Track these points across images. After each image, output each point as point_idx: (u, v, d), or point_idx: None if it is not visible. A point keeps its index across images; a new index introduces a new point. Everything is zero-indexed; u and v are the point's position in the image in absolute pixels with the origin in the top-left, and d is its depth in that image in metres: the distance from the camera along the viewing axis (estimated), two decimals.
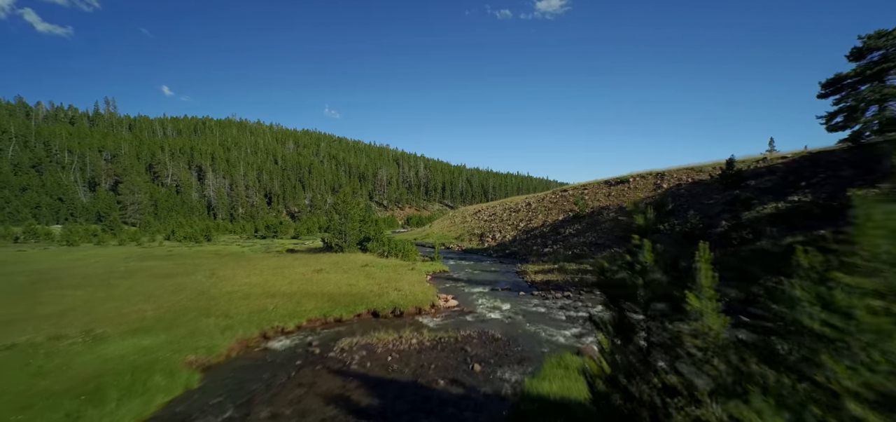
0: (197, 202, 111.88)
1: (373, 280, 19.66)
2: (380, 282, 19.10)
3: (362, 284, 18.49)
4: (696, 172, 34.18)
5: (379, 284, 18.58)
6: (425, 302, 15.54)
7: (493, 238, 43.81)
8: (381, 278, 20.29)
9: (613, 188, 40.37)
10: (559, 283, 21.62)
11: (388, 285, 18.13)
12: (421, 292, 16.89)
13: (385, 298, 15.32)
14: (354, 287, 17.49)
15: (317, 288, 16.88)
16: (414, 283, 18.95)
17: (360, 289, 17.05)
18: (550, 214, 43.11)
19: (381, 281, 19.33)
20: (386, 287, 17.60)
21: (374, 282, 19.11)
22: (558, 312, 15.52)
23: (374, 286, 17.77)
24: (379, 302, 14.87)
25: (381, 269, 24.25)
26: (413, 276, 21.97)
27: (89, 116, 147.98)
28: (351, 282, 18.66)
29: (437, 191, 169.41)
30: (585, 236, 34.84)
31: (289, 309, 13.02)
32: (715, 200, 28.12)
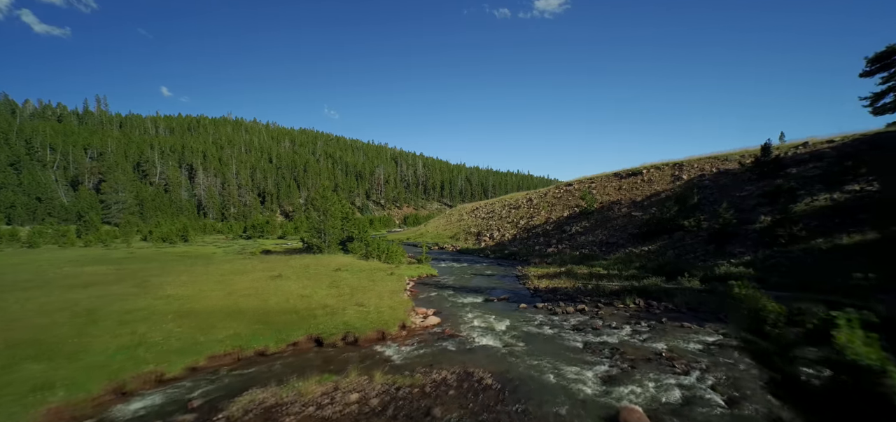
0: (186, 202, 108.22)
1: (336, 290, 15.69)
2: (343, 292, 15.13)
3: (320, 295, 14.52)
4: (720, 161, 30.16)
5: (340, 295, 14.61)
6: (392, 322, 11.56)
7: (491, 237, 39.81)
8: (348, 287, 16.33)
9: (624, 181, 36.35)
10: (568, 291, 17.62)
11: (352, 298, 14.16)
12: (390, 307, 12.92)
13: (338, 318, 11.35)
14: (307, 300, 13.53)
15: (256, 303, 12.93)
16: (385, 294, 14.98)
17: (313, 303, 13.09)
18: (554, 210, 39.11)
19: (345, 291, 15.36)
20: (347, 300, 13.63)
21: (337, 292, 15.15)
22: (572, 335, 11.52)
23: (333, 299, 13.80)
24: (328, 324, 10.90)
25: (354, 274, 20.29)
26: (389, 283, 17.99)
27: (78, 114, 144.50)
28: (306, 293, 14.70)
29: (435, 190, 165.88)
30: (594, 235, 30.85)
31: (188, 339, 9.06)
32: (748, 192, 24.12)
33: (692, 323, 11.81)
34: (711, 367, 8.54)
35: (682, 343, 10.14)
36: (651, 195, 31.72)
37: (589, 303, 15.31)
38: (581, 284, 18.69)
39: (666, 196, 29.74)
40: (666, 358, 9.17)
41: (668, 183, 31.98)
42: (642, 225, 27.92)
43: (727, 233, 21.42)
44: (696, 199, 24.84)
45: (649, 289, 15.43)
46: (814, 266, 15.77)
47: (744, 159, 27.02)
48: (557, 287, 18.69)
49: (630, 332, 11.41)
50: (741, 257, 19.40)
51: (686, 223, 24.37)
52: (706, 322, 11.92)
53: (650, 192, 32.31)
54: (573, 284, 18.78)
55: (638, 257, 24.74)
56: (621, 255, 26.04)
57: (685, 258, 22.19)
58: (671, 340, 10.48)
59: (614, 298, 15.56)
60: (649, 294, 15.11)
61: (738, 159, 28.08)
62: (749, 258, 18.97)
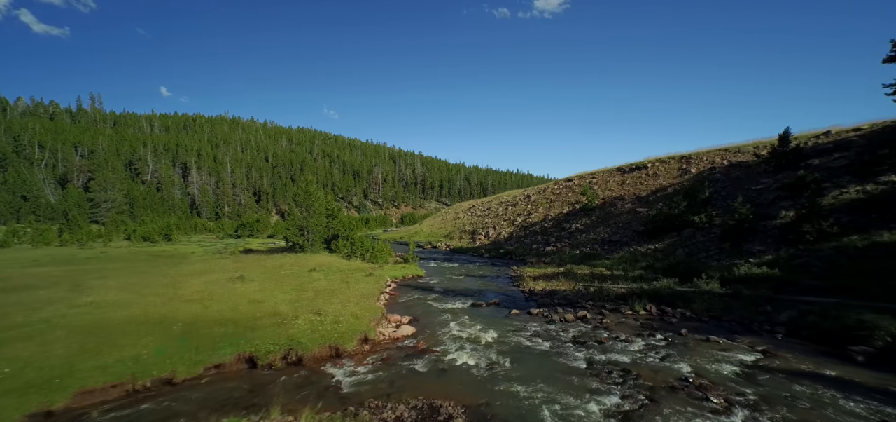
0: (179, 200, 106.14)
1: (298, 293, 13.56)
2: (305, 297, 13.00)
3: (276, 300, 12.38)
4: (732, 153, 27.98)
5: (300, 300, 12.47)
6: (351, 335, 9.41)
7: (486, 235, 37.64)
8: (313, 290, 14.20)
9: (628, 176, 34.19)
10: (568, 294, 15.47)
11: (312, 303, 12.03)
12: (353, 316, 10.78)
13: (283, 331, 9.20)
14: (258, 307, 11.39)
15: (194, 310, 10.80)
16: (352, 299, 12.84)
17: (263, 310, 10.95)
18: (553, 206, 36.95)
19: (307, 295, 13.22)
20: (305, 307, 11.50)
21: (297, 297, 13.01)
22: (573, 350, 9.38)
23: (288, 305, 11.66)
24: (268, 338, 8.76)
25: (328, 275, 18.16)
26: (364, 286, 15.85)
27: (71, 112, 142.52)
28: (260, 298, 12.55)
29: (434, 189, 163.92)
30: (596, 232, 28.70)
31: (61, 366, 6.88)
32: (765, 185, 21.95)
33: (719, 336, 9.64)
34: (762, 402, 6.38)
35: (712, 364, 7.98)
36: (657, 190, 29.57)
37: (591, 309, 13.16)
38: (582, 286, 16.54)
39: (673, 191, 27.60)
40: (696, 386, 7.02)
41: (675, 177, 29.82)
42: (648, 222, 25.77)
43: (744, 229, 19.27)
44: (707, 193, 22.71)
45: (661, 292, 13.28)
46: (851, 267, 13.62)
47: (759, 151, 24.89)
48: (555, 290, 16.54)
49: (644, 347, 9.25)
50: (761, 256, 17.24)
51: (697, 219, 22.22)
52: (736, 335, 9.74)
53: (655, 186, 30.16)
54: (573, 287, 16.64)
55: (644, 256, 22.60)
56: (625, 253, 23.91)
57: (697, 257, 20.03)
58: (698, 359, 8.33)
59: (621, 303, 13.42)
60: (662, 299, 12.96)
61: (752, 151, 25.91)
62: (770, 257, 16.80)
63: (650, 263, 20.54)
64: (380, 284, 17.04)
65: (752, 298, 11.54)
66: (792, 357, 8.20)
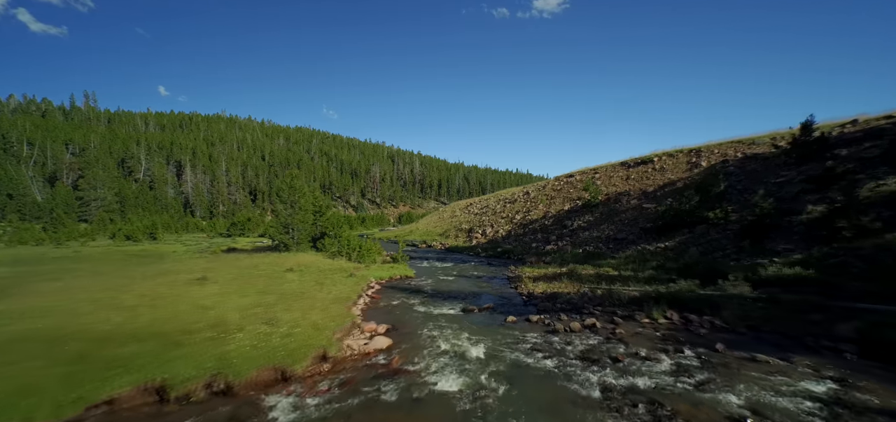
0: (172, 199, 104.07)
1: (260, 298, 11.67)
2: (266, 302, 11.10)
3: (228, 306, 10.48)
4: (746, 145, 26.10)
5: (259, 306, 10.58)
6: (305, 352, 7.51)
7: (483, 234, 35.75)
8: (278, 294, 12.32)
9: (633, 171, 32.31)
10: (572, 298, 13.58)
11: (270, 310, 10.14)
12: (314, 327, 8.89)
13: (216, 348, 7.30)
14: (202, 315, 9.50)
15: (119, 319, 8.91)
16: (319, 305, 10.94)
17: (205, 320, 9.05)
18: (553, 203, 35.07)
19: (269, 301, 11.33)
20: (260, 315, 9.60)
21: (257, 302, 11.11)
22: (582, 370, 7.50)
23: (241, 313, 9.76)
24: (196, 358, 6.86)
25: (304, 276, 16.27)
26: (339, 289, 13.96)
27: (64, 110, 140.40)
28: (212, 304, 10.65)
29: (432, 188, 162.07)
30: (600, 230, 26.83)
31: None
32: (786, 178, 20.09)
33: (767, 353, 7.70)
34: None
35: (770, 396, 6.05)
36: (664, 185, 27.70)
37: (601, 315, 11.26)
38: (588, 288, 14.65)
39: (683, 185, 25.73)
40: None
41: (685, 171, 27.95)
42: (656, 218, 23.91)
43: (765, 226, 17.39)
44: (722, 186, 20.85)
45: (682, 297, 11.39)
46: None
47: (777, 142, 23.05)
48: (558, 292, 14.65)
49: (672, 367, 7.35)
50: (788, 255, 15.36)
51: (711, 215, 20.35)
52: (789, 353, 7.70)
53: (663, 181, 28.30)
54: (577, 289, 14.75)
55: (654, 255, 20.74)
56: (633, 252, 22.05)
57: (713, 256, 18.16)
58: (748, 387, 6.41)
59: (635, 308, 11.52)
60: (684, 304, 11.08)
61: (769, 142, 24.07)
62: (800, 256, 14.92)
63: (661, 263, 18.69)
64: (360, 287, 15.14)
65: (796, 304, 9.67)
66: (884, 390, 6.20)
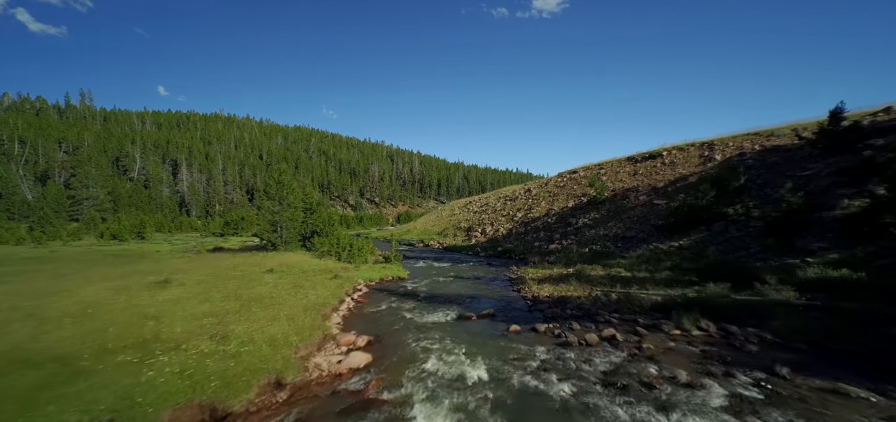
0: (167, 198, 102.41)
1: (224, 304, 10.03)
2: (228, 311, 9.46)
3: (179, 314, 8.84)
4: (764, 137, 24.43)
5: (212, 316, 8.92)
6: (251, 378, 5.86)
7: (483, 232, 34.09)
8: (248, 299, 10.67)
9: (641, 165, 30.65)
10: (583, 302, 11.92)
11: (226, 321, 8.48)
12: (270, 342, 7.23)
13: (131, 377, 5.64)
14: (140, 330, 7.86)
15: (19, 339, 7.25)
16: (284, 315, 9.28)
17: (144, 333, 7.43)
18: (557, 200, 33.41)
19: (232, 308, 9.69)
20: (208, 328, 7.94)
21: (220, 308, 9.47)
22: (608, 400, 5.85)
23: (190, 324, 8.12)
24: (93, 393, 5.21)
25: (282, 277, 14.63)
26: (319, 293, 12.31)
27: (59, 108, 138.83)
28: (159, 313, 9.00)
29: (432, 187, 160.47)
30: (607, 228, 25.17)
31: None
32: (814, 171, 18.43)
33: (853, 381, 5.83)
34: None
35: None
36: (676, 180, 26.05)
37: (620, 324, 9.60)
38: (600, 291, 12.99)
39: (696, 180, 24.08)
40: None
41: (697, 165, 26.29)
42: (668, 215, 22.27)
43: (794, 222, 15.74)
44: (742, 180, 19.21)
45: (715, 303, 9.71)
46: None
47: (800, 132, 21.40)
48: (566, 296, 12.99)
49: (728, 400, 5.66)
50: (824, 255, 13.72)
51: (731, 211, 18.70)
52: (884, 382, 5.77)
53: (674, 176, 26.64)
54: (588, 293, 13.09)
55: (668, 255, 19.09)
56: (644, 252, 20.40)
57: (735, 256, 16.50)
58: None
59: (659, 316, 9.86)
60: (717, 311, 9.40)
61: (791, 133, 22.42)
62: (838, 256, 13.28)
63: (677, 263, 17.04)
64: (343, 290, 13.49)
65: (861, 314, 7.99)
66: None
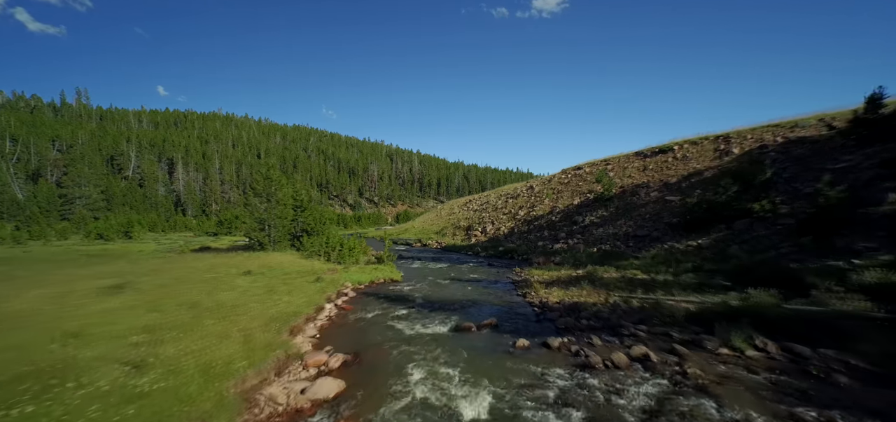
0: (162, 197, 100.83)
1: (173, 314, 8.36)
2: (168, 326, 7.77)
3: (104, 329, 7.17)
4: (787, 128, 22.73)
5: (143, 334, 7.23)
6: None
7: (483, 231, 32.39)
8: (209, 307, 9.00)
9: (650, 161, 28.94)
10: (601, 310, 10.22)
11: (158, 339, 6.80)
12: (203, 370, 5.55)
13: None
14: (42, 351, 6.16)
15: None
16: (240, 329, 7.60)
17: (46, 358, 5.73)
18: (561, 197, 31.70)
19: (178, 322, 8.01)
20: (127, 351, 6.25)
21: (161, 321, 7.79)
22: None
23: (110, 345, 6.43)
24: None
25: (259, 280, 12.94)
26: (293, 300, 10.61)
27: (54, 106, 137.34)
28: (80, 329, 7.34)
29: (431, 187, 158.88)
30: (616, 226, 23.47)
31: None
32: (850, 163, 16.72)
33: None
34: None
35: None
36: (689, 175, 24.35)
37: (649, 338, 7.91)
38: (618, 297, 11.28)
39: (713, 175, 22.39)
40: None
41: (712, 160, 24.59)
42: (684, 212, 20.58)
43: (834, 219, 14.03)
44: (768, 173, 17.50)
45: (767, 313, 8.00)
46: None
47: (831, 122, 19.70)
48: (580, 303, 11.30)
49: None
50: (874, 256, 12.02)
51: (756, 207, 16.99)
52: None
53: (687, 171, 24.94)
54: (605, 299, 11.39)
55: (685, 255, 17.39)
56: (659, 251, 18.70)
57: (765, 257, 14.79)
58: None
59: (698, 329, 8.16)
60: (771, 324, 7.70)
61: (820, 123, 20.74)
62: (890, 257, 11.59)
63: (698, 264, 15.36)
64: (325, 295, 11.79)
65: None
66: None
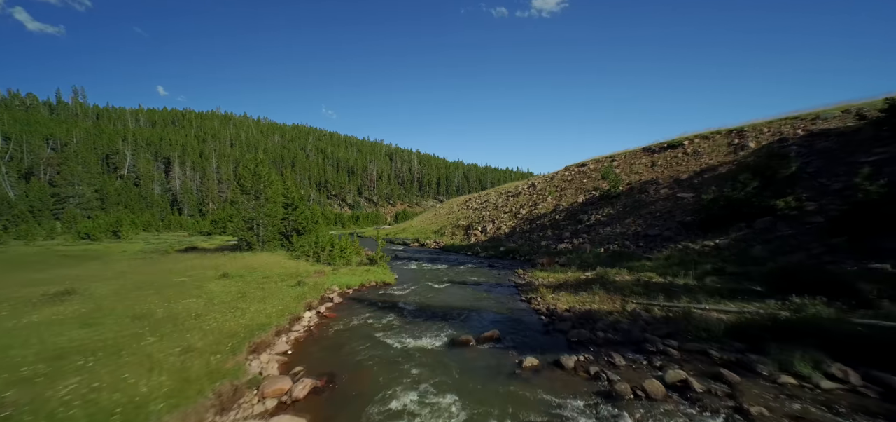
0: (158, 196, 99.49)
1: (113, 329, 6.95)
2: (92, 347, 6.36)
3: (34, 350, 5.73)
4: (808, 120, 21.33)
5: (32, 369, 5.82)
6: None
7: (483, 231, 31.00)
8: (159, 319, 7.62)
9: (659, 156, 27.55)
10: (619, 321, 8.85)
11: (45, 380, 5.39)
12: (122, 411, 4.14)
13: None
14: None
15: None
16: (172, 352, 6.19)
17: None
18: (564, 195, 30.32)
19: (107, 341, 6.59)
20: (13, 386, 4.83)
21: (86, 340, 6.39)
22: None
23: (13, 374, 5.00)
24: None
25: (235, 284, 11.55)
26: (268, 308, 9.22)
27: (50, 105, 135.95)
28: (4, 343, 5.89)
29: (431, 186, 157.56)
30: (624, 225, 22.09)
31: None
32: (884, 155, 15.32)
33: None
34: None
35: None
36: (702, 171, 22.97)
37: (683, 357, 6.53)
38: (637, 305, 9.90)
39: (728, 171, 21.02)
40: None
41: (726, 154, 23.19)
42: (699, 209, 19.22)
43: (875, 217, 12.65)
44: (794, 167, 16.14)
45: (830, 329, 6.61)
46: None
47: (862, 111, 18.30)
48: (593, 311, 9.91)
49: None
50: None
51: (780, 205, 15.61)
52: None
53: (699, 167, 23.55)
54: (621, 306, 10.00)
55: (703, 256, 15.99)
56: (673, 252, 17.31)
57: (792, 258, 13.42)
58: None
59: (742, 347, 6.78)
60: (840, 343, 6.31)
61: (845, 114, 19.36)
62: None
63: (718, 266, 13.97)
64: (304, 302, 10.40)
65: None
66: None
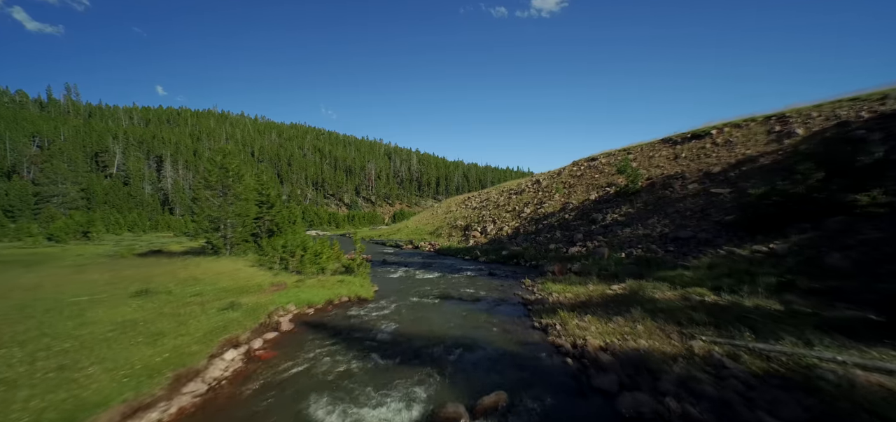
0: (149, 196, 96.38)
1: None
2: None
3: None
4: (875, 101, 18.13)
5: None
6: None
7: (483, 232, 27.78)
8: None
9: (682, 147, 24.33)
10: (689, 370, 5.65)
11: None
12: None
13: None
14: None
15: None
16: None
17: None
18: (574, 192, 27.10)
19: None
20: None
21: None
22: None
23: None
24: None
25: (152, 303, 8.33)
26: (142, 356, 5.99)
27: (41, 102, 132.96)
28: None
29: (430, 186, 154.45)
30: (647, 225, 18.87)
31: None
32: None
33: None
34: None
35: None
36: (738, 163, 19.76)
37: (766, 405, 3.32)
38: (710, 344, 6.69)
39: (772, 162, 17.82)
40: None
41: (766, 144, 19.98)
42: (741, 207, 16.03)
43: None
44: (879, 154, 12.93)
45: None
46: None
47: None
48: (640, 351, 6.70)
49: None
50: None
51: (862, 200, 12.40)
52: None
53: (734, 158, 20.35)
54: (682, 345, 6.81)
55: (756, 264, 12.72)
56: (715, 259, 14.07)
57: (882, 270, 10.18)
58: None
59: None
60: None
61: None
62: None
63: (785, 280, 10.69)
64: (226, 335, 7.19)
65: None
66: None
